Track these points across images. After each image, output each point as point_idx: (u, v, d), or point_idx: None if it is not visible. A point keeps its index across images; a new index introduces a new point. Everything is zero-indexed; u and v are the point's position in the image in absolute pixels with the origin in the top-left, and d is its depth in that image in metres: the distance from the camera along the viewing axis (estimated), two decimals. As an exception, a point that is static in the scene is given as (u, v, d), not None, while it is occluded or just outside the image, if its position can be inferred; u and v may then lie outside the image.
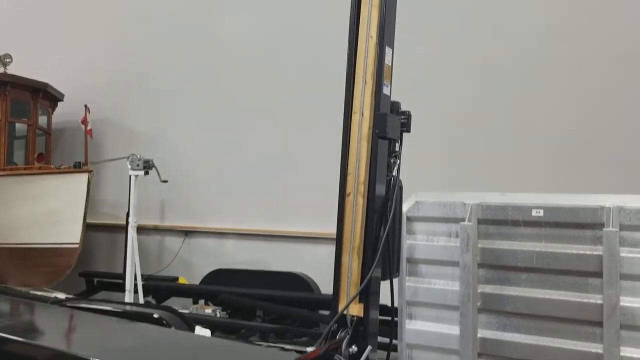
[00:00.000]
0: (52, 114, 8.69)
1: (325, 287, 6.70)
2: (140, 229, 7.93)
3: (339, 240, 2.43)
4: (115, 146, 8.48)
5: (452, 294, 3.70)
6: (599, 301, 3.27)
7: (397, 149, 2.60)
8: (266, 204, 7.74)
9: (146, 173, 6.47)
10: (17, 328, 2.53)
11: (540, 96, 6.09)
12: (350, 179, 2.46)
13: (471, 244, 3.58)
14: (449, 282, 3.74)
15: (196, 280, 7.61)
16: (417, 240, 3.90)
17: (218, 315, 6.24)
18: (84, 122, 7.01)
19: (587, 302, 3.33)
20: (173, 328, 3.88)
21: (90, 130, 7.15)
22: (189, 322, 4.50)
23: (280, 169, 7.51)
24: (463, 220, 3.64)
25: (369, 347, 2.27)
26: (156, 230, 8.51)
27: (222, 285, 7.05)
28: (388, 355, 2.75)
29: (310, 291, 6.58)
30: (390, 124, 2.42)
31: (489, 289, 3.65)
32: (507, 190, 3.74)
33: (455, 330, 3.64)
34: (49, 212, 6.74)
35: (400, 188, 2.60)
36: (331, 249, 3.18)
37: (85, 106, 7.08)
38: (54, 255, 6.80)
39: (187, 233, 8.31)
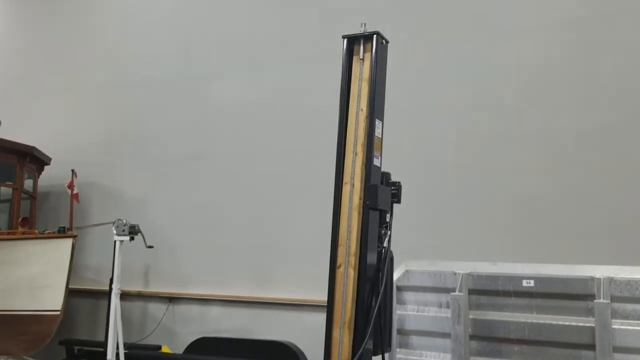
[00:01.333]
0: (39, 177, 8.64)
1: (314, 356, 6.52)
2: (124, 295, 7.72)
3: (329, 313, 2.39)
4: (100, 211, 8.41)
5: (444, 367, 3.63)
6: (594, 374, 3.22)
7: (387, 219, 2.60)
8: (252, 271, 7.63)
9: (131, 239, 6.37)
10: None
11: (526, 162, 6.19)
12: (341, 250, 2.44)
13: (462, 314, 3.55)
14: (441, 354, 3.69)
15: (180, 349, 7.37)
16: (408, 311, 3.88)
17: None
18: (70, 186, 6.97)
19: (582, 376, 3.28)
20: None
21: (77, 194, 7.11)
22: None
23: (267, 235, 7.46)
24: (453, 290, 3.62)
25: None
26: (140, 296, 8.31)
27: (206, 354, 6.83)
28: None
29: (297, 361, 6.40)
30: (381, 195, 2.44)
31: (482, 361, 3.59)
32: (496, 257, 3.75)
33: (448, 405, 3.54)
34: (31, 277, 6.57)
35: (392, 259, 2.59)
36: (319, 316, 3.11)
37: (72, 171, 7.06)
38: (34, 323, 6.58)
39: (172, 299, 8.12)
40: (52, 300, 6.54)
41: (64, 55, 9.86)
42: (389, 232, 2.55)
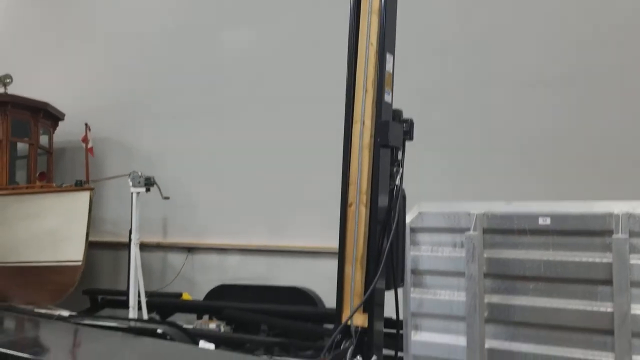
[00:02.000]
0: (53, 133, 8.68)
1: (329, 300, 6.63)
2: (144, 246, 7.88)
3: (341, 251, 2.38)
4: (117, 164, 8.46)
5: (458, 305, 3.64)
6: (609, 309, 3.21)
7: (399, 157, 2.55)
8: (268, 219, 7.69)
9: (147, 190, 6.42)
10: (19, 344, 2.49)
11: (542, 100, 6.05)
12: (352, 188, 2.41)
13: (477, 253, 3.53)
14: (455, 292, 3.69)
15: (200, 296, 7.54)
16: (422, 252, 3.87)
17: (222, 330, 6.16)
18: (85, 140, 6.99)
19: (597, 311, 3.27)
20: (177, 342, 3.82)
21: (91, 148, 7.13)
22: (192, 337, 4.45)
23: (281, 184, 7.47)
24: (468, 230, 3.59)
25: (374, 357, 2.21)
26: (159, 247, 8.46)
27: (226, 300, 6.98)
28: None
29: (314, 305, 6.51)
30: (392, 131, 2.39)
31: (495, 299, 3.59)
32: (512, 198, 3.70)
33: (462, 341, 3.58)
34: (51, 230, 6.69)
35: (404, 197, 2.55)
36: (334, 263, 3.12)
37: (86, 124, 7.06)
38: (57, 274, 6.74)
39: (190, 249, 8.26)
40: (72, 252, 6.67)
41: (75, 11, 9.74)
42: (401, 169, 2.51)
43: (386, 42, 2.41)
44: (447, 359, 3.71)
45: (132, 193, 6.54)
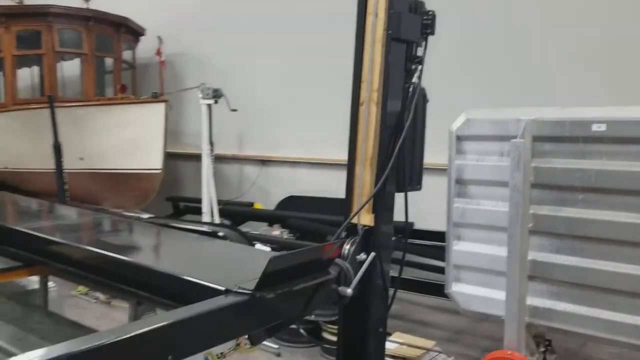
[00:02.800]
0: (136, 48, 9.03)
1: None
2: (221, 158, 8.25)
3: (351, 151, 2.35)
4: (194, 78, 8.71)
5: (502, 215, 3.51)
6: (663, 224, 2.96)
7: (420, 54, 2.41)
8: (337, 133, 7.67)
9: (215, 102, 6.60)
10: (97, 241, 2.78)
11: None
12: (363, 86, 2.33)
13: (522, 162, 3.34)
14: (499, 202, 3.55)
15: (271, 206, 7.83)
16: (467, 160, 3.73)
17: (284, 236, 6.41)
18: (158, 53, 7.22)
19: (650, 225, 3.03)
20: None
21: (164, 61, 7.37)
22: (249, 240, 4.68)
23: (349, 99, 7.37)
24: (515, 137, 3.39)
25: (372, 254, 2.21)
26: (235, 159, 8.80)
27: (294, 210, 7.20)
28: (400, 271, 2.68)
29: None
30: (406, 23, 2.24)
31: (541, 210, 3.42)
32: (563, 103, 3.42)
33: (503, 252, 3.47)
34: (132, 139, 7.13)
35: (424, 96, 2.43)
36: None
37: (159, 37, 7.27)
38: (139, 180, 7.25)
39: (264, 162, 8.52)
40: (152, 160, 7.09)
41: None
42: (421, 66, 2.37)
43: None
44: (487, 269, 3.65)
45: (201, 105, 6.74)
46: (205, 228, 4.99)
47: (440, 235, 4.41)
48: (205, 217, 6.84)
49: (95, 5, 8.23)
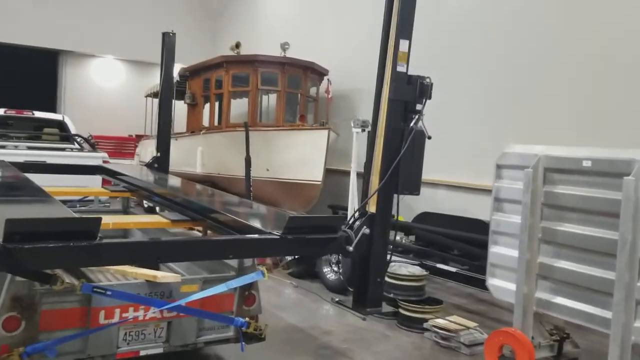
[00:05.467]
0: (320, 85, 11.27)
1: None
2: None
3: (368, 165, 3.89)
4: (363, 110, 10.61)
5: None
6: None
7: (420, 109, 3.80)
8: (474, 163, 8.85)
9: (363, 130, 8.32)
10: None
11: None
12: (378, 126, 3.86)
13: (530, 187, 4.45)
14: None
15: (410, 220, 9.28)
16: (502, 183, 4.90)
17: (408, 242, 7.85)
18: (327, 91, 9.24)
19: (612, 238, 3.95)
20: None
21: (331, 97, 9.36)
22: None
23: (486, 126, 8.58)
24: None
25: (364, 228, 3.71)
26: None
27: (425, 224, 8.56)
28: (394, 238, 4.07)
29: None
30: (401, 91, 3.66)
31: (548, 224, 4.46)
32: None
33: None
34: (302, 156, 9.23)
35: (423, 134, 3.79)
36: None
37: (328, 79, 9.29)
38: (304, 189, 9.31)
39: (412, 182, 10.00)
40: (315, 173, 9.09)
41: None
42: (420, 116, 3.78)
43: (402, 30, 3.65)
44: (514, 268, 4.74)
45: (354, 132, 8.54)
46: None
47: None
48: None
49: (290, 53, 10.64)
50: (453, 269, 7.30)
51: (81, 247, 3.01)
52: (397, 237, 8.02)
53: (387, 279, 6.11)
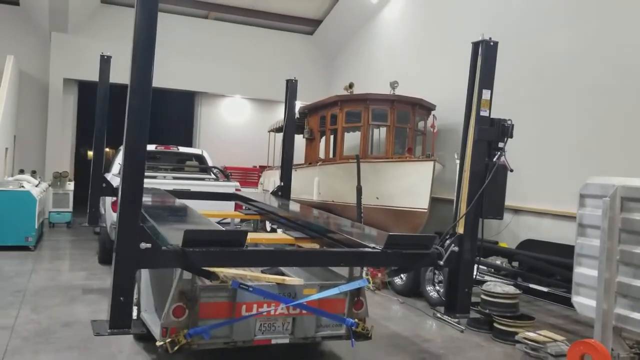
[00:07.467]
0: (427, 119, 12.08)
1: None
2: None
3: (458, 193, 4.69)
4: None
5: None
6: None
7: (502, 147, 4.56)
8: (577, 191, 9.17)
9: (463, 162, 9.02)
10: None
11: None
12: (465, 162, 4.67)
13: (608, 214, 4.98)
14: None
15: (514, 246, 9.72)
16: (585, 211, 5.43)
17: (504, 265, 8.34)
18: (432, 126, 10.04)
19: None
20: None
21: (436, 132, 10.13)
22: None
23: (590, 161, 8.96)
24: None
25: (453, 246, 4.49)
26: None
27: (528, 251, 8.97)
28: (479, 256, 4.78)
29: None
30: (483, 132, 4.42)
31: (625, 247, 4.95)
32: None
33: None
34: (409, 186, 10.05)
35: (504, 166, 4.53)
36: None
37: (434, 115, 10.09)
38: (412, 216, 10.09)
39: (516, 211, 10.43)
40: (420, 202, 9.86)
41: (444, 24, 12.99)
42: (502, 153, 4.53)
43: (483, 82, 4.44)
44: (594, 286, 5.23)
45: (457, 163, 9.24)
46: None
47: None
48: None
49: (399, 91, 11.61)
50: (545, 289, 7.70)
51: (233, 252, 4.13)
52: (498, 262, 8.60)
53: (483, 296, 6.77)
